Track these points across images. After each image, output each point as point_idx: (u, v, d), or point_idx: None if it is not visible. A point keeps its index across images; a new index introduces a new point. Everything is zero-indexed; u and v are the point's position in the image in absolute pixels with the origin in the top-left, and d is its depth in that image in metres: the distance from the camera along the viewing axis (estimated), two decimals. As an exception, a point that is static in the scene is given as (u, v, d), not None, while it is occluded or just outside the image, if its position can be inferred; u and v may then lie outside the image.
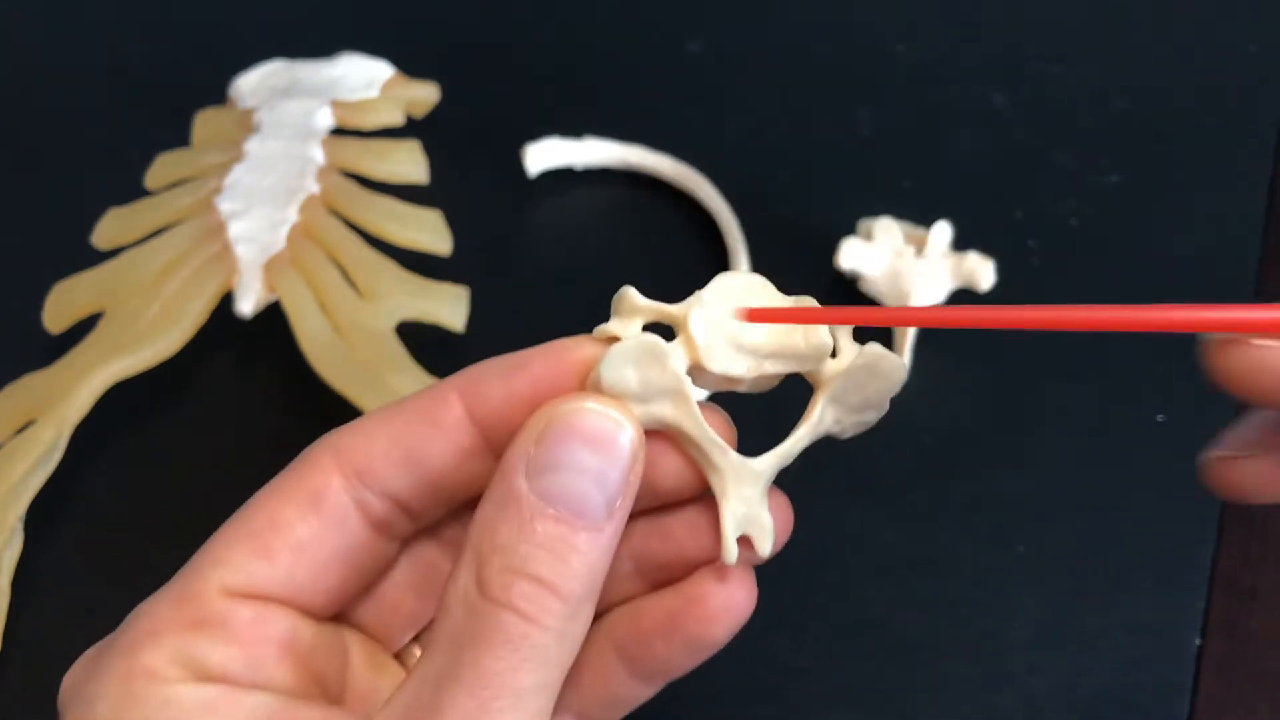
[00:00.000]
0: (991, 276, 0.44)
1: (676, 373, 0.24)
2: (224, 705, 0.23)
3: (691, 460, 0.25)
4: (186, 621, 0.24)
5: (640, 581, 0.27)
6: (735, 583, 0.26)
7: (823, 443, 0.43)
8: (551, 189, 0.49)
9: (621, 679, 0.27)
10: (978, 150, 0.50)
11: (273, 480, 0.26)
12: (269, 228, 0.43)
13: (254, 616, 0.24)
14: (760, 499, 0.25)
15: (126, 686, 0.23)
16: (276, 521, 0.25)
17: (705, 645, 0.26)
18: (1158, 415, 0.42)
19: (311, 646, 0.25)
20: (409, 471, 0.25)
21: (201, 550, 0.25)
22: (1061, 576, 0.39)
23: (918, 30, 0.54)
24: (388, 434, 0.25)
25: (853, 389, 0.26)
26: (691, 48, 0.54)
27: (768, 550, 0.25)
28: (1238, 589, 0.39)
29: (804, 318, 0.25)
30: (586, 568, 0.23)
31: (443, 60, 0.53)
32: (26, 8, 0.57)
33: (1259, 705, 0.37)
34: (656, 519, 0.26)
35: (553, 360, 0.25)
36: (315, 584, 0.25)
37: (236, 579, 0.24)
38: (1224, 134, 0.50)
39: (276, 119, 0.47)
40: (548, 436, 0.23)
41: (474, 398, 0.25)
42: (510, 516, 0.23)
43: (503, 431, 0.25)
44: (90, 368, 0.39)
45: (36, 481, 0.38)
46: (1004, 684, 0.37)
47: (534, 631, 0.23)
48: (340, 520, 0.25)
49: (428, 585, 0.28)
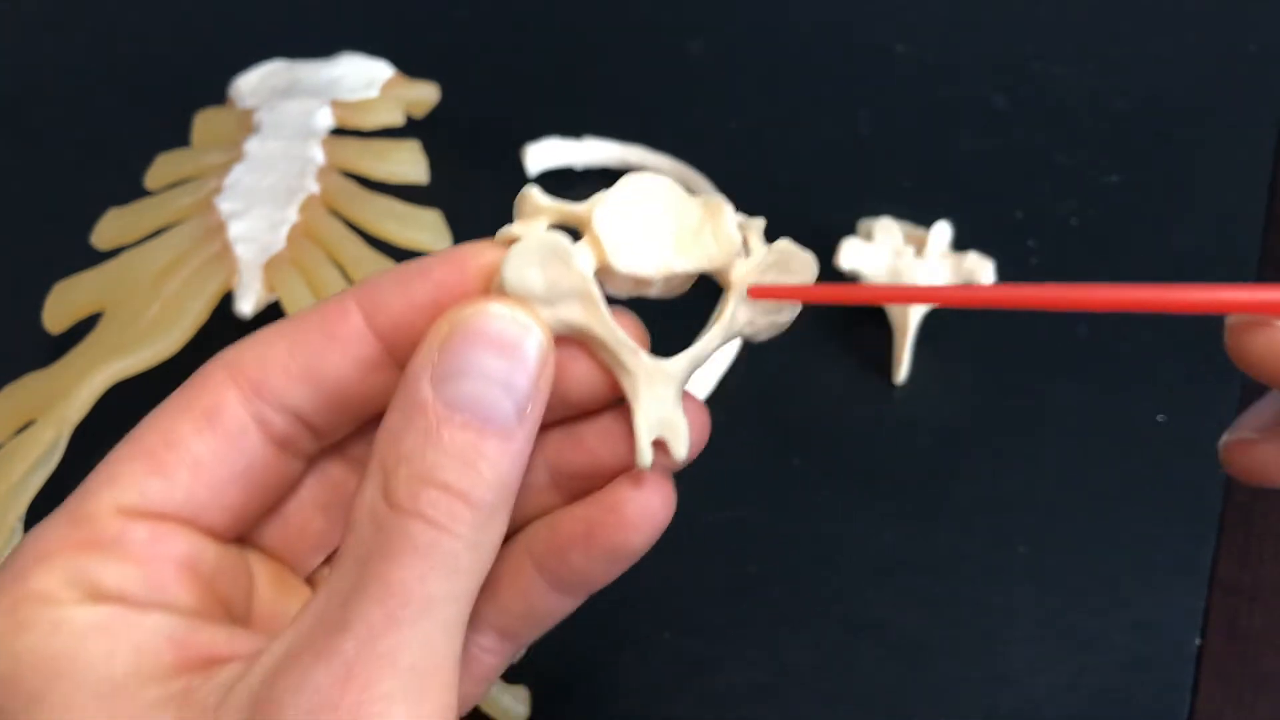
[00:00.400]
0: (991, 276, 0.44)
1: (583, 273, 0.24)
2: (120, 625, 0.23)
3: (603, 366, 0.24)
4: (79, 542, 0.23)
5: (556, 493, 0.26)
6: (651, 489, 0.25)
7: (822, 441, 0.43)
8: (551, 189, 0.49)
9: (541, 592, 0.26)
10: (978, 150, 0.50)
11: (168, 398, 0.25)
12: (269, 228, 0.43)
13: (151, 535, 0.23)
14: (675, 401, 0.25)
15: (14, 614, 0.22)
16: (171, 439, 0.24)
17: (624, 554, 0.25)
18: (1158, 415, 0.42)
19: (214, 568, 0.24)
20: (308, 385, 0.24)
21: (94, 471, 0.24)
22: (1061, 576, 0.39)
23: (918, 30, 0.54)
24: (284, 347, 0.24)
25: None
26: (691, 48, 0.54)
27: (683, 453, 0.25)
28: (1238, 589, 0.39)
29: (814, 295, 0.25)
30: (497, 475, 0.22)
31: (443, 60, 0.53)
32: (27, 8, 0.57)
33: (1259, 705, 0.37)
34: (570, 429, 0.26)
35: (454, 266, 0.24)
36: (215, 503, 0.24)
37: (131, 498, 0.24)
38: (1224, 134, 0.50)
39: (276, 119, 0.47)
40: (452, 342, 0.23)
41: (373, 307, 0.24)
42: (416, 425, 0.22)
43: (405, 342, 0.24)
44: (90, 368, 0.39)
45: (36, 481, 0.38)
46: (1004, 684, 0.37)
47: (443, 539, 0.22)
48: (238, 436, 0.24)
49: (336, 506, 0.27)
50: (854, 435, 0.42)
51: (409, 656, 0.21)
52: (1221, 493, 0.40)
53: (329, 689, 0.21)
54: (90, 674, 0.22)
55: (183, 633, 0.23)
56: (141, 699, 0.22)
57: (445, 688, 0.22)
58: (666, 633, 0.38)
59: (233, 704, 0.22)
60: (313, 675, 0.21)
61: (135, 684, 0.22)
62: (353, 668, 0.21)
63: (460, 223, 0.45)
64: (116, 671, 0.22)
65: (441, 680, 0.22)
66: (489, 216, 0.48)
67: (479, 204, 0.49)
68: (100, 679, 0.22)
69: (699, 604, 0.39)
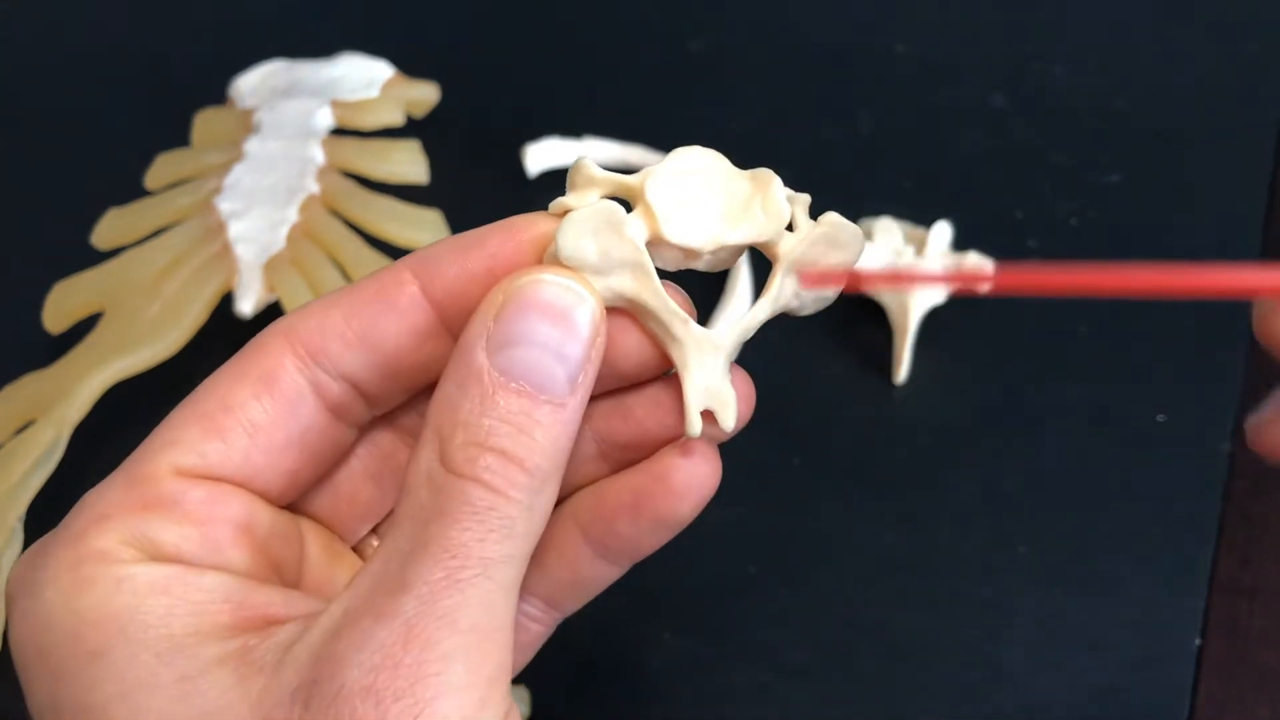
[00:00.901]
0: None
1: (635, 243, 0.24)
2: (179, 585, 0.23)
3: (652, 337, 0.25)
4: (137, 503, 0.23)
5: (604, 463, 0.26)
6: (699, 457, 0.25)
7: (822, 441, 0.43)
8: (551, 189, 0.49)
9: (588, 560, 0.26)
10: (978, 150, 0.50)
11: (225, 364, 0.25)
12: (269, 228, 0.43)
13: (208, 496, 0.24)
14: (723, 372, 0.25)
15: (76, 572, 0.23)
16: (229, 402, 0.24)
17: (671, 522, 0.26)
18: (1158, 415, 0.42)
19: (268, 531, 0.25)
20: (364, 352, 0.24)
21: (152, 435, 0.25)
22: (1061, 576, 0.39)
23: (918, 30, 0.54)
24: (341, 314, 0.25)
25: (811, 261, 0.25)
26: (692, 48, 0.54)
27: (731, 423, 0.25)
28: (1238, 589, 0.39)
29: (863, 281, 0.25)
30: (550, 441, 0.23)
31: (443, 60, 0.53)
32: (27, 7, 0.57)
33: (1259, 705, 0.37)
34: (618, 399, 0.26)
35: (508, 237, 0.24)
36: (271, 467, 0.24)
37: (189, 460, 0.24)
38: (1224, 134, 0.50)
39: (276, 119, 0.47)
40: (506, 310, 0.23)
41: (428, 277, 0.24)
42: (471, 392, 0.23)
43: (459, 311, 0.24)
44: (90, 368, 0.39)
45: (36, 481, 0.38)
46: (1004, 684, 0.37)
47: (500, 502, 0.22)
48: (295, 401, 0.24)
49: (385, 475, 0.27)
50: (854, 435, 0.42)
51: (469, 617, 0.22)
52: (1221, 493, 0.40)
53: (391, 647, 0.21)
54: (150, 632, 0.22)
55: (240, 593, 0.23)
56: (201, 657, 0.22)
57: (502, 648, 0.22)
58: (666, 633, 0.38)
59: (292, 662, 0.22)
60: (375, 634, 0.21)
61: (194, 642, 0.22)
62: (413, 627, 0.21)
63: (460, 223, 0.45)
64: (175, 630, 0.22)
65: (499, 641, 0.22)
66: (489, 216, 0.48)
67: (479, 204, 0.49)
68: (160, 637, 0.22)
69: (699, 604, 0.39)
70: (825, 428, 0.42)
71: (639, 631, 0.38)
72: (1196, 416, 0.42)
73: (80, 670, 0.22)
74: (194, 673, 0.22)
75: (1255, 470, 0.41)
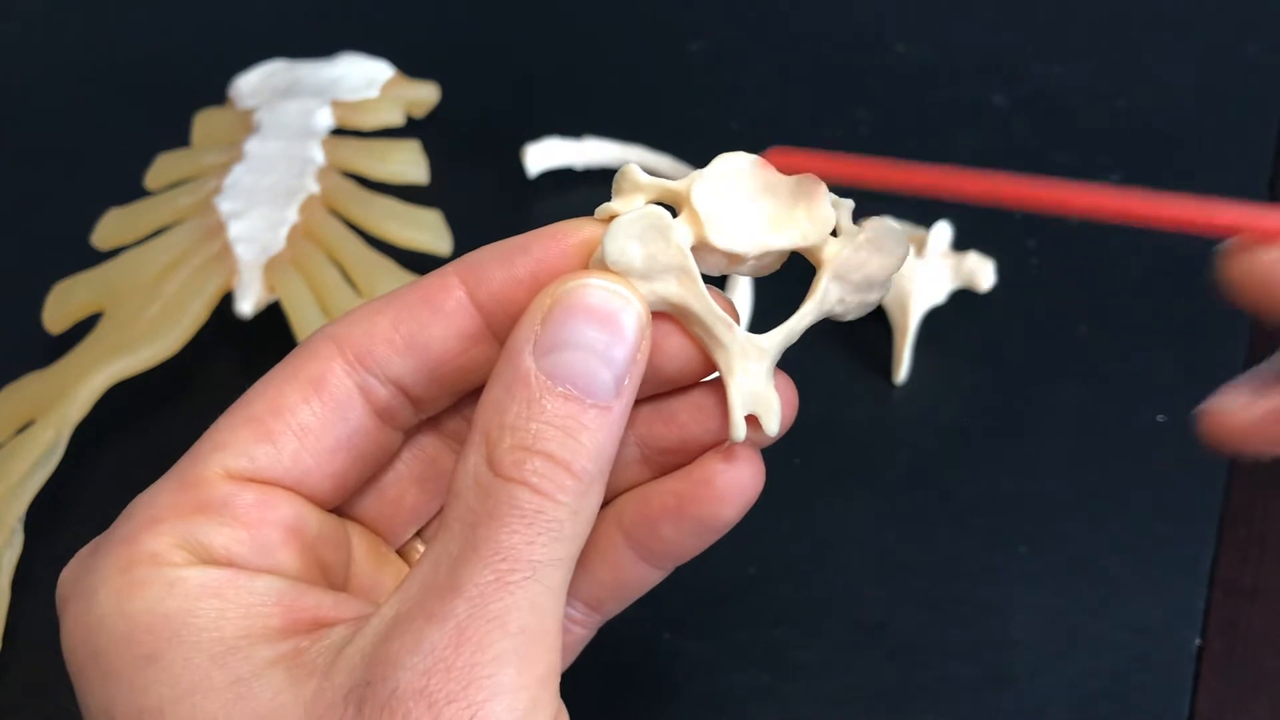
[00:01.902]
0: (991, 276, 0.44)
1: (681, 247, 0.24)
2: (231, 588, 0.23)
3: (696, 342, 0.25)
4: (188, 506, 0.24)
5: (646, 467, 0.27)
6: (742, 462, 0.26)
7: (822, 441, 0.43)
8: (551, 189, 0.49)
9: (630, 563, 0.27)
10: (978, 150, 0.50)
11: (273, 369, 0.25)
12: (269, 228, 0.43)
13: (258, 500, 0.24)
14: (767, 377, 0.25)
15: (128, 574, 0.23)
16: (279, 406, 0.24)
17: (714, 526, 0.26)
18: (1158, 415, 0.42)
19: (316, 534, 0.25)
20: (411, 356, 0.25)
21: (202, 438, 0.25)
22: (1061, 576, 0.39)
23: (918, 30, 0.54)
24: (388, 319, 0.25)
25: (856, 266, 0.26)
26: (691, 48, 0.54)
27: (775, 428, 0.25)
28: (1238, 589, 0.39)
29: (830, 167, 0.25)
30: (596, 445, 0.23)
31: (443, 60, 0.53)
32: (27, 8, 0.57)
33: (1258, 705, 0.37)
34: (661, 403, 0.26)
35: (554, 242, 0.24)
36: (320, 470, 0.25)
37: (239, 463, 0.24)
38: (1224, 134, 0.50)
39: (276, 119, 0.47)
40: (554, 314, 0.23)
41: (475, 282, 0.25)
42: (519, 395, 0.23)
43: (505, 316, 0.24)
44: (90, 368, 0.39)
45: (36, 481, 0.38)
46: (1004, 684, 0.37)
47: (548, 506, 0.22)
48: (343, 405, 0.25)
49: (431, 479, 0.27)
50: (854, 435, 0.42)
51: (519, 619, 0.22)
52: (1221, 493, 0.40)
53: (443, 650, 0.21)
54: (203, 635, 0.23)
55: (290, 596, 0.23)
56: (253, 659, 0.22)
57: (552, 650, 0.23)
58: (666, 633, 0.38)
59: (344, 665, 0.22)
60: (427, 636, 0.22)
61: (246, 645, 0.23)
62: (465, 630, 0.22)
63: (460, 223, 0.45)
64: (228, 633, 0.23)
65: (549, 643, 0.23)
66: (489, 216, 0.49)
67: (479, 204, 0.49)
68: (213, 640, 0.22)
69: (699, 604, 0.39)
70: (825, 427, 0.42)
71: (639, 632, 0.38)
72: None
73: (134, 673, 0.22)
74: (247, 675, 0.22)
75: (1255, 470, 0.41)
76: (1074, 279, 0.46)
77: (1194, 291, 0.45)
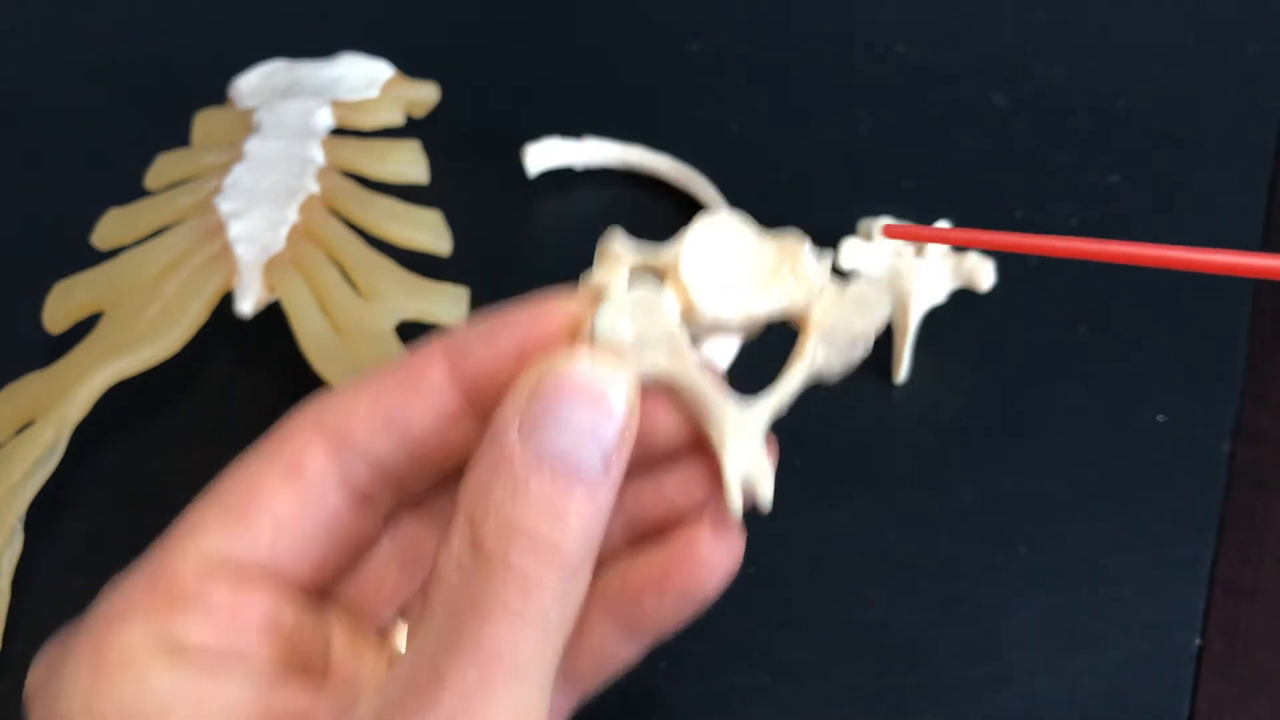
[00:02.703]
0: (991, 276, 0.44)
1: (672, 323, 0.24)
2: (203, 690, 0.22)
3: (684, 414, 0.25)
4: (161, 600, 0.23)
5: (628, 540, 0.26)
6: (729, 532, 0.25)
7: (822, 441, 0.43)
8: (551, 189, 0.49)
9: (612, 640, 0.26)
10: (978, 150, 0.50)
11: (250, 449, 0.25)
12: (269, 228, 0.43)
13: (233, 592, 0.23)
14: (759, 447, 0.25)
15: (97, 673, 0.22)
16: (255, 491, 0.24)
17: (697, 599, 0.26)
18: (1158, 415, 0.42)
19: (294, 624, 0.24)
20: (391, 437, 0.24)
21: (175, 524, 0.24)
22: (1061, 576, 0.39)
23: (918, 30, 0.54)
24: (369, 399, 0.24)
25: (842, 326, 0.25)
26: (692, 48, 0.54)
27: (769, 498, 0.25)
28: (1238, 589, 0.39)
29: (938, 238, 0.27)
30: (584, 526, 0.22)
31: (443, 60, 0.53)
32: (27, 7, 0.57)
33: (1258, 705, 0.37)
34: (647, 477, 0.26)
35: (538, 317, 0.24)
36: (297, 558, 0.24)
37: (214, 553, 0.23)
38: (1224, 134, 0.50)
39: (276, 119, 0.47)
40: (541, 392, 0.23)
41: (457, 359, 0.24)
42: (503, 476, 0.22)
43: (488, 393, 0.24)
44: (90, 368, 0.39)
45: (36, 481, 0.38)
46: (1004, 684, 0.37)
47: (534, 593, 0.22)
48: (321, 490, 0.24)
49: (413, 560, 0.27)
50: (854, 435, 0.42)
51: (503, 717, 0.21)
52: (1222, 493, 0.40)
53: None
54: None
55: (265, 693, 0.23)
56: None
57: None
58: (666, 633, 0.38)
59: None
60: None
61: None
62: None
63: (460, 223, 0.45)
64: None
65: None
66: (489, 216, 0.49)
67: (479, 204, 0.49)
68: None
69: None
70: (825, 428, 0.42)
71: (639, 631, 0.38)
72: (1196, 416, 0.42)
73: None
74: None
75: (1255, 470, 0.41)
76: (1074, 279, 0.46)
77: (1194, 291, 0.45)
